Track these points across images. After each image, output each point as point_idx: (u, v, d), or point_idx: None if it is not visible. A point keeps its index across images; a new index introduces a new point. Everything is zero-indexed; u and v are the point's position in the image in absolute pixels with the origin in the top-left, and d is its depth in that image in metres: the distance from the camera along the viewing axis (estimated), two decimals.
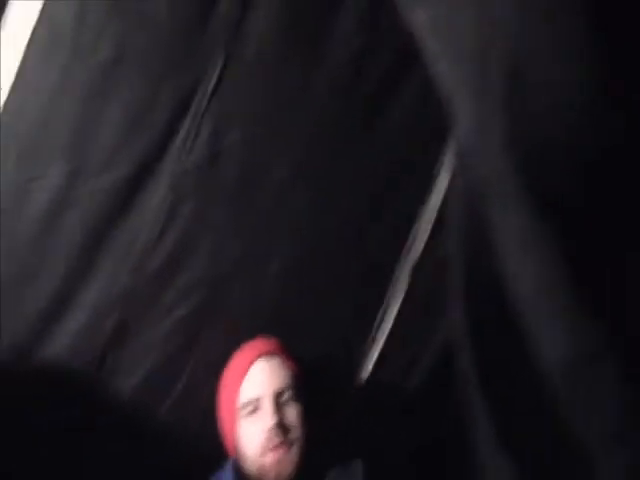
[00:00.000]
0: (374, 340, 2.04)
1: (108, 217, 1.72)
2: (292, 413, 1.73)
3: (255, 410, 1.72)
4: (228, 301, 1.85)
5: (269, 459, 1.69)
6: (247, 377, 1.75)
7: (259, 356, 1.77)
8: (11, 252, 1.66)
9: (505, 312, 0.59)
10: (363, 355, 2.04)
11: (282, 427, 1.70)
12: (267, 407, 1.71)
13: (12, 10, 1.62)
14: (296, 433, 1.72)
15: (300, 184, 1.91)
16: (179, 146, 1.78)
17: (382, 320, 2.04)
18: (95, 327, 1.75)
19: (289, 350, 1.81)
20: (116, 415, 1.80)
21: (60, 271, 1.70)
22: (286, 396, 1.74)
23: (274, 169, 1.89)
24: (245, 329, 1.84)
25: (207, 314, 1.84)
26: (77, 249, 1.70)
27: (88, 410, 1.75)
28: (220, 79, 1.83)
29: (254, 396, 1.73)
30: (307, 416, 1.75)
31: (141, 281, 1.76)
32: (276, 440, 1.69)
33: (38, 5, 1.62)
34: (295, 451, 1.71)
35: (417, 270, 2.07)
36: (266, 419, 1.70)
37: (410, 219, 2.05)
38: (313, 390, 1.80)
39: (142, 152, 1.74)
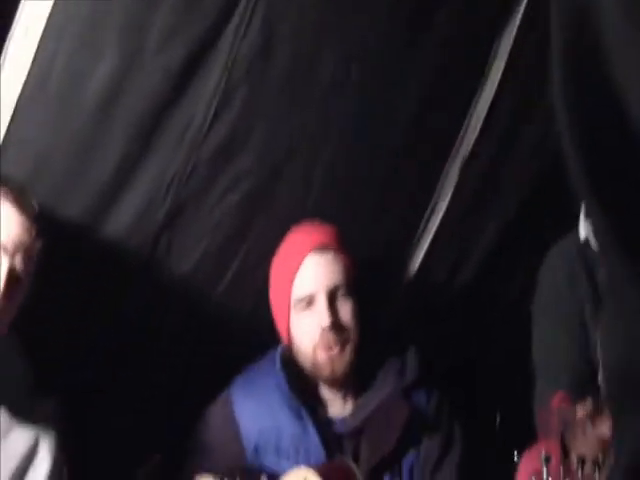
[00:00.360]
0: (423, 234, 2.06)
1: (163, 101, 1.73)
2: (346, 310, 1.73)
3: (309, 305, 1.73)
4: (280, 188, 1.87)
5: (323, 357, 1.71)
6: (300, 270, 1.73)
7: (313, 249, 1.75)
8: (71, 134, 1.68)
9: (619, 118, 0.58)
10: (412, 249, 2.06)
11: (336, 326, 1.70)
12: (321, 304, 1.71)
13: None
14: (350, 331, 1.73)
15: (352, 75, 1.90)
16: (233, 32, 1.77)
17: (431, 215, 2.05)
18: (149, 210, 1.78)
19: (343, 241, 1.79)
20: (170, 297, 1.84)
21: (118, 153, 1.72)
22: (340, 292, 1.73)
23: (325, 60, 1.88)
24: (297, 216, 1.85)
25: (259, 200, 1.86)
26: (133, 132, 1.72)
27: (143, 290, 1.80)
28: None
29: (308, 292, 1.72)
30: (360, 311, 1.75)
31: (195, 165, 1.78)
32: (331, 340, 1.70)
33: None
34: (349, 349, 1.73)
35: (466, 167, 2.06)
36: (321, 316, 1.70)
37: (462, 114, 2.03)
38: (363, 283, 1.80)
39: (196, 37, 1.74)
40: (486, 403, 2.12)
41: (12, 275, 1.46)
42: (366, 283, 1.80)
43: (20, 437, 1.50)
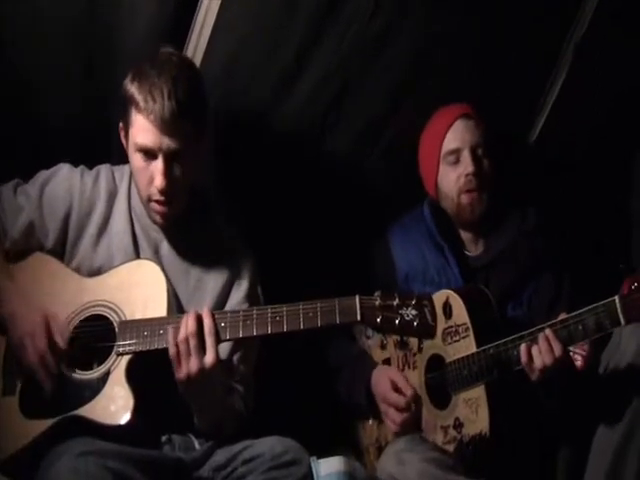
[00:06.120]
0: (542, 107, 2.47)
1: None
2: (484, 164, 2.17)
3: (456, 162, 2.17)
4: (425, 72, 2.31)
5: (466, 199, 2.16)
6: (450, 130, 2.18)
7: (459, 116, 2.19)
8: (264, 20, 2.11)
9: None
10: (533, 120, 2.49)
11: (477, 174, 2.14)
12: (466, 158, 2.15)
13: None
14: (487, 180, 2.16)
15: None
16: None
17: (550, 89, 2.45)
18: (320, 88, 2.23)
19: (480, 114, 2.21)
20: (333, 162, 2.33)
21: (299, 35, 2.14)
22: (480, 151, 2.17)
23: None
24: (440, 97, 2.27)
25: (407, 83, 2.30)
26: (312, 18, 2.13)
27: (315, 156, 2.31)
28: None
29: (456, 146, 2.17)
30: (495, 168, 2.19)
31: (359, 49, 2.20)
32: (472, 184, 2.14)
33: None
34: (486, 195, 2.16)
35: (581, 48, 2.39)
36: (466, 166, 2.15)
37: None
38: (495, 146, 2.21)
39: None
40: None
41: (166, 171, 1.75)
42: (496, 146, 2.21)
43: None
